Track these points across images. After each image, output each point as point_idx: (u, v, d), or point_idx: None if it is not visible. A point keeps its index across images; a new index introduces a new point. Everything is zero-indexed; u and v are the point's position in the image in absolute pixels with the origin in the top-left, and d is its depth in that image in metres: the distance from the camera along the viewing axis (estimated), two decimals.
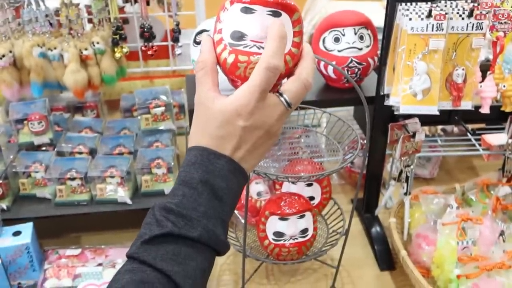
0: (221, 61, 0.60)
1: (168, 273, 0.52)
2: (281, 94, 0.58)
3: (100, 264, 1.10)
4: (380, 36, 1.06)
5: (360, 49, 1.11)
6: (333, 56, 1.11)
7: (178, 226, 0.54)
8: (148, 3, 1.43)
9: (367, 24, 1.12)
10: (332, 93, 1.17)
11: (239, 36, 0.59)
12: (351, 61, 1.10)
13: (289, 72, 0.60)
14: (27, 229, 1.09)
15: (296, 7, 0.60)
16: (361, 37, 1.11)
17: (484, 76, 1.00)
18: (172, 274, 0.52)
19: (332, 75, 1.14)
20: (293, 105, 0.59)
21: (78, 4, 1.33)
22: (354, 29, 1.10)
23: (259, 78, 0.56)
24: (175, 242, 0.54)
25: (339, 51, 1.11)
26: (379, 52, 1.14)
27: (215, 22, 0.62)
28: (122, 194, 1.16)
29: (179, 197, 0.56)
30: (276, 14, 0.59)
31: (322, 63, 1.14)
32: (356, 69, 1.12)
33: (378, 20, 1.20)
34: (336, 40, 1.11)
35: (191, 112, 1.14)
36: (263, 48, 0.58)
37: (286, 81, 0.60)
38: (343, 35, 1.11)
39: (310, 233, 0.98)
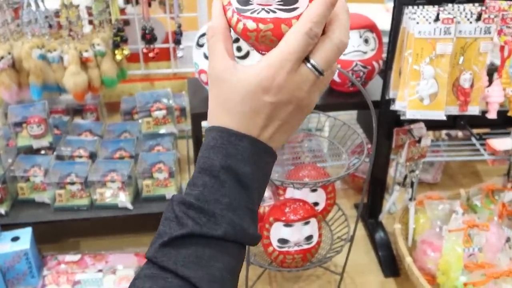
0: (232, 28, 0.53)
1: (192, 280, 0.47)
2: (308, 60, 0.49)
3: (100, 271, 1.08)
4: (385, 39, 1.05)
5: (365, 52, 1.10)
6: (338, 60, 1.10)
7: (199, 224, 0.48)
8: (150, 5, 1.41)
9: (372, 27, 1.11)
10: (336, 97, 1.16)
11: None
12: (356, 64, 1.09)
13: None
14: (25, 234, 1.07)
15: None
16: (366, 41, 1.10)
17: (489, 81, 0.98)
18: (196, 281, 0.47)
19: (337, 79, 1.12)
20: (325, 72, 0.50)
21: (78, 6, 1.32)
22: (359, 32, 1.09)
23: (296, 44, 0.47)
24: (197, 243, 0.48)
25: (344, 54, 1.10)
26: (384, 55, 1.13)
27: None
28: (123, 199, 1.14)
29: (199, 188, 0.49)
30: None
31: None
32: (361, 73, 1.10)
33: (381, 23, 1.19)
34: None
35: (193, 116, 1.13)
36: (273, 11, 0.49)
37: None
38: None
39: (315, 240, 0.97)
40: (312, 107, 0.53)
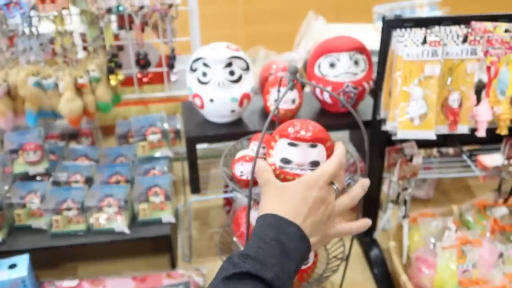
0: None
1: None
2: (333, 183, 0.74)
3: None
4: (374, 59, 1.07)
5: (356, 74, 1.12)
6: (328, 81, 1.12)
7: (255, 268, 0.61)
8: (143, 30, 1.43)
9: (361, 49, 1.13)
10: (328, 118, 1.18)
11: (287, 161, 0.79)
12: (347, 86, 1.11)
13: None
14: (23, 261, 1.07)
15: (328, 137, 0.80)
16: (356, 62, 1.12)
17: (478, 98, 1.01)
18: None
19: (328, 100, 1.15)
20: (340, 195, 0.75)
21: (72, 32, 1.33)
22: (349, 54, 1.12)
23: (332, 170, 0.73)
24: (252, 280, 0.60)
25: (334, 76, 1.12)
26: (374, 76, 1.15)
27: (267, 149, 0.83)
28: (120, 223, 1.15)
29: (255, 248, 0.64)
30: (314, 146, 0.78)
31: (317, 89, 1.14)
32: (352, 94, 1.12)
33: (371, 43, 1.22)
34: (332, 65, 1.12)
35: (188, 139, 1.14)
36: (304, 170, 0.78)
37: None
38: (338, 60, 1.12)
39: (311, 260, 0.98)
40: (334, 214, 0.74)
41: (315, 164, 0.83)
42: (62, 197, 1.16)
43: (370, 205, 1.22)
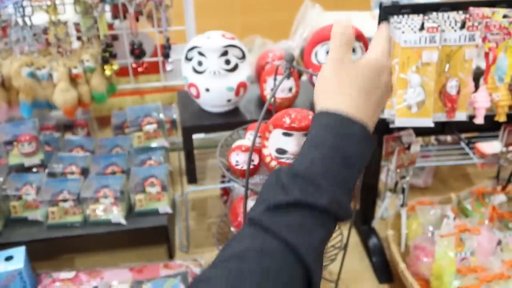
0: (265, 163, 0.83)
1: (292, 243, 0.50)
2: None
3: (95, 287, 1.08)
4: None
5: None
6: None
7: (306, 193, 0.52)
8: (137, 19, 1.42)
9: (358, 36, 1.12)
10: None
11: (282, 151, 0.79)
12: None
13: None
14: (19, 253, 1.07)
15: None
16: (353, 50, 1.11)
17: (476, 85, 1.00)
18: (295, 246, 0.50)
19: None
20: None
21: (66, 22, 1.32)
22: None
23: (386, 41, 0.65)
24: (302, 211, 0.52)
25: None
26: None
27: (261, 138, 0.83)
28: (116, 214, 1.14)
29: (308, 162, 0.54)
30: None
31: (314, 77, 1.13)
32: None
33: (368, 30, 1.21)
34: (328, 53, 1.11)
35: (184, 129, 1.13)
36: None
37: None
38: None
39: None
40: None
41: None
42: (58, 189, 1.15)
43: (368, 194, 1.21)
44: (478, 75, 1.00)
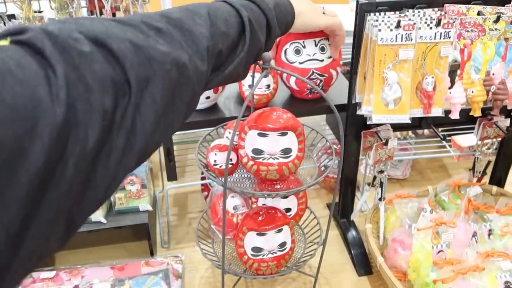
0: (245, 167, 0.87)
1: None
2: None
3: (76, 286, 1.08)
4: (349, 40, 1.05)
5: (322, 60, 1.09)
6: (294, 68, 1.09)
7: None
8: (114, 15, 1.40)
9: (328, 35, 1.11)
10: (303, 104, 1.16)
11: (258, 151, 0.83)
12: (313, 73, 1.08)
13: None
14: None
15: (298, 124, 0.83)
16: (322, 49, 1.09)
17: (452, 79, 1.01)
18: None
19: (295, 87, 1.13)
20: None
21: (42, 18, 1.30)
22: (315, 41, 1.08)
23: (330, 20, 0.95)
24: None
25: (300, 63, 1.09)
26: (341, 62, 1.14)
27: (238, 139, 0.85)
28: (96, 213, 1.14)
29: None
30: (284, 134, 0.81)
31: (284, 75, 1.13)
32: (318, 81, 1.10)
33: (347, 23, 1.20)
34: (297, 52, 1.09)
35: None
36: (276, 158, 0.83)
37: None
38: (304, 47, 1.08)
39: (288, 246, 0.98)
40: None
41: (287, 151, 0.84)
42: None
43: (347, 187, 1.23)
44: (455, 67, 1.01)
